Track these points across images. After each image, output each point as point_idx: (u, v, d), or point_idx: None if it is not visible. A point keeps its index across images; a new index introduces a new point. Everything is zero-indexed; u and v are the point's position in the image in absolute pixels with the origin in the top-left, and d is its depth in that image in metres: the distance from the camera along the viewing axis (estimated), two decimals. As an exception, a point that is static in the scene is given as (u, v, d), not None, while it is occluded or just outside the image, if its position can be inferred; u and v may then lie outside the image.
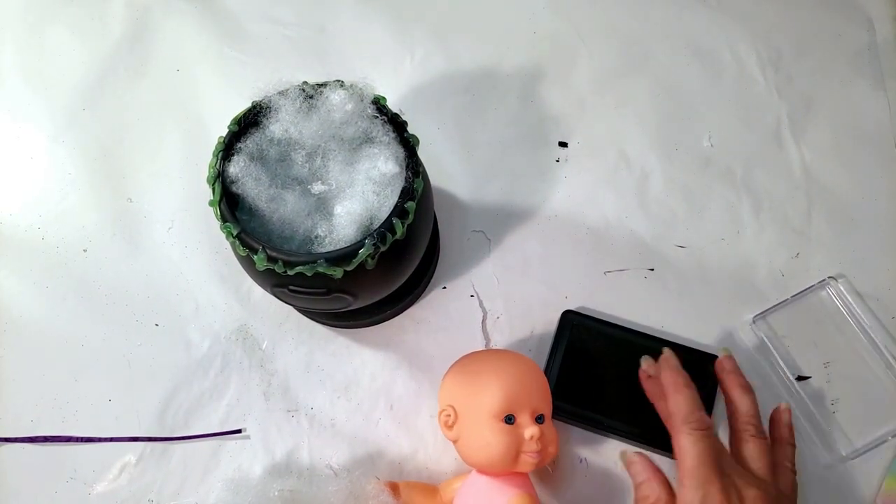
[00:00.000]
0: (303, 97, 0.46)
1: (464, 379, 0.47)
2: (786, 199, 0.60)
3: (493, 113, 0.63)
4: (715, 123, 0.63)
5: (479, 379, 0.46)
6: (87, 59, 0.66)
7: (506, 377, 0.46)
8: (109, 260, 0.58)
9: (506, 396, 0.45)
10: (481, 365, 0.48)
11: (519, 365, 0.47)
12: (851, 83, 0.64)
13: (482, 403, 0.45)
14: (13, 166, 0.62)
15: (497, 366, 0.47)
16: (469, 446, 0.46)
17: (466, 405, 0.46)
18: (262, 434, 0.53)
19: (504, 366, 0.47)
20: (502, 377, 0.46)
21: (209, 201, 0.44)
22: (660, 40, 0.66)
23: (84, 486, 0.52)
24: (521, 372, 0.47)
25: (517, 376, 0.46)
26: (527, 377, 0.47)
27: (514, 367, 0.47)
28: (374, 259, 0.43)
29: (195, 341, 0.55)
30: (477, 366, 0.48)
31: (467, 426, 0.46)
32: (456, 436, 0.46)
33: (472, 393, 0.46)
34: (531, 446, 0.44)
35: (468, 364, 0.49)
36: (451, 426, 0.46)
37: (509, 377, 0.46)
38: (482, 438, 0.45)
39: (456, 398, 0.47)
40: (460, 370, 0.48)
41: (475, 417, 0.45)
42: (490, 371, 0.47)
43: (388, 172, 0.45)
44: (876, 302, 0.56)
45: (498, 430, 0.45)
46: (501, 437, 0.44)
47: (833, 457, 0.51)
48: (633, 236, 0.58)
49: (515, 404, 0.45)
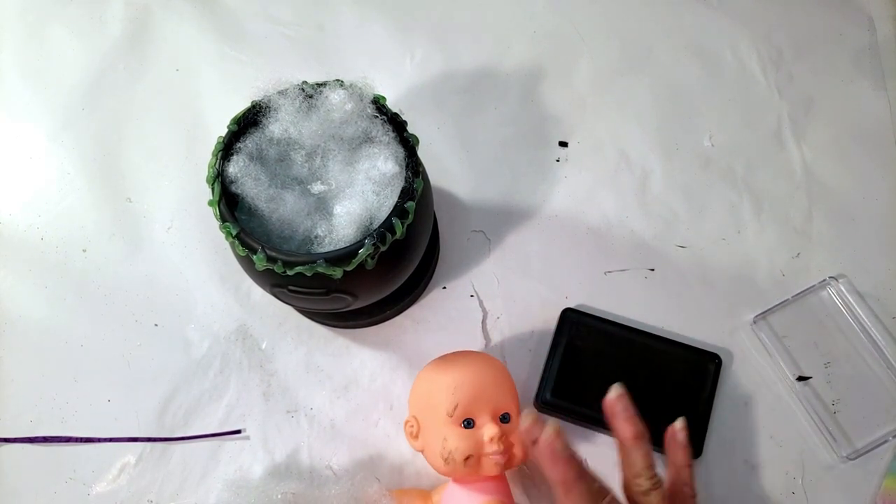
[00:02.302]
0: (302, 97, 0.46)
1: (423, 387, 0.47)
2: (786, 199, 0.60)
3: (493, 113, 0.63)
4: (715, 123, 0.62)
5: (435, 385, 0.45)
6: (86, 58, 0.66)
7: (460, 380, 0.45)
8: (109, 260, 0.58)
9: (460, 399, 0.44)
10: (438, 371, 0.47)
11: (476, 365, 0.46)
12: (852, 83, 0.64)
13: (438, 409, 0.44)
14: (12, 166, 0.62)
15: (453, 369, 0.46)
16: (432, 454, 0.45)
17: (426, 413, 0.45)
18: (262, 434, 0.53)
19: (459, 368, 0.46)
20: (457, 380, 0.45)
21: (208, 201, 0.44)
22: (660, 40, 0.66)
23: (83, 487, 0.51)
24: (478, 372, 0.45)
25: (473, 378, 0.45)
26: (485, 377, 0.45)
27: (470, 368, 0.46)
28: (374, 259, 0.43)
29: (195, 341, 0.55)
30: (434, 372, 0.47)
31: (429, 434, 0.45)
32: (421, 446, 0.46)
33: (429, 400, 0.45)
34: (491, 447, 0.43)
35: (428, 371, 0.48)
36: (416, 436, 0.46)
37: (464, 380, 0.45)
38: (442, 445, 0.44)
39: (417, 407, 0.46)
40: (421, 378, 0.47)
41: (434, 425, 0.44)
42: (445, 376, 0.45)
43: (387, 172, 0.45)
44: (877, 302, 0.55)
45: (456, 436, 0.43)
46: (459, 442, 0.43)
47: (834, 457, 0.51)
48: (633, 236, 0.58)
49: (472, 406, 0.44)
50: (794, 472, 0.51)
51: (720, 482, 0.51)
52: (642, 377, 0.52)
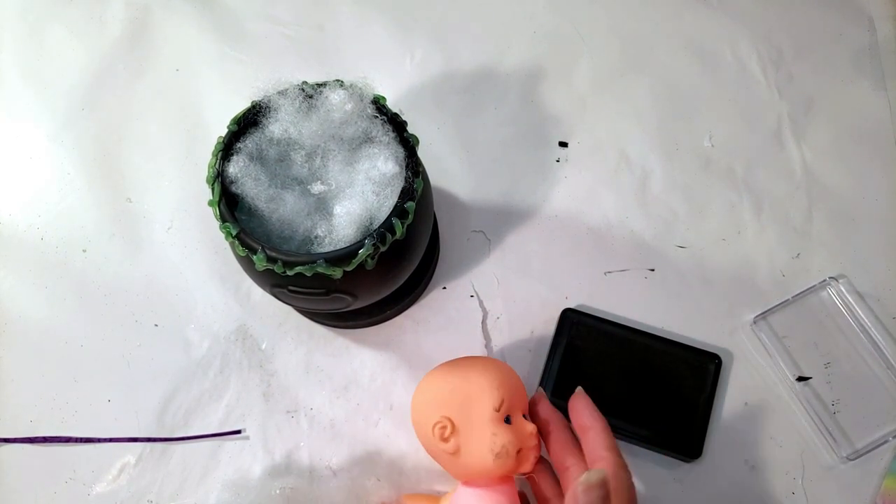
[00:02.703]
0: (302, 97, 0.46)
1: (452, 387, 0.46)
2: (786, 199, 0.60)
3: (493, 113, 0.63)
4: (715, 123, 0.62)
5: (471, 385, 0.45)
6: (86, 58, 0.66)
7: (501, 378, 0.46)
8: (109, 260, 0.58)
9: (504, 396, 0.45)
10: (465, 372, 0.46)
11: (500, 367, 0.47)
12: (852, 83, 0.64)
13: (484, 407, 0.44)
14: (12, 166, 0.62)
15: (482, 370, 0.46)
16: (473, 453, 0.44)
17: (465, 413, 0.45)
18: (262, 434, 0.53)
19: (489, 369, 0.46)
20: (498, 378, 0.45)
21: (208, 201, 0.44)
22: (660, 40, 0.66)
23: (83, 487, 0.51)
24: (505, 373, 0.46)
25: (503, 378, 0.46)
26: (510, 378, 0.46)
27: (497, 369, 0.47)
28: (374, 259, 0.43)
29: (195, 341, 0.55)
30: (460, 373, 0.46)
31: (469, 433, 0.44)
32: (455, 447, 0.45)
33: (469, 399, 0.45)
34: (532, 441, 0.44)
35: (447, 374, 0.47)
36: (448, 438, 0.44)
37: (499, 378, 0.46)
38: (492, 440, 0.43)
39: (449, 408, 0.45)
40: (443, 382, 0.47)
41: (478, 422, 0.44)
42: (479, 376, 0.46)
43: (387, 172, 0.45)
44: (877, 302, 0.55)
45: (505, 430, 0.44)
46: (510, 436, 0.44)
47: (833, 457, 0.51)
48: (633, 236, 0.58)
49: (511, 403, 0.45)
50: (794, 473, 0.51)
51: (720, 482, 0.51)
52: (642, 377, 0.52)
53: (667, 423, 0.51)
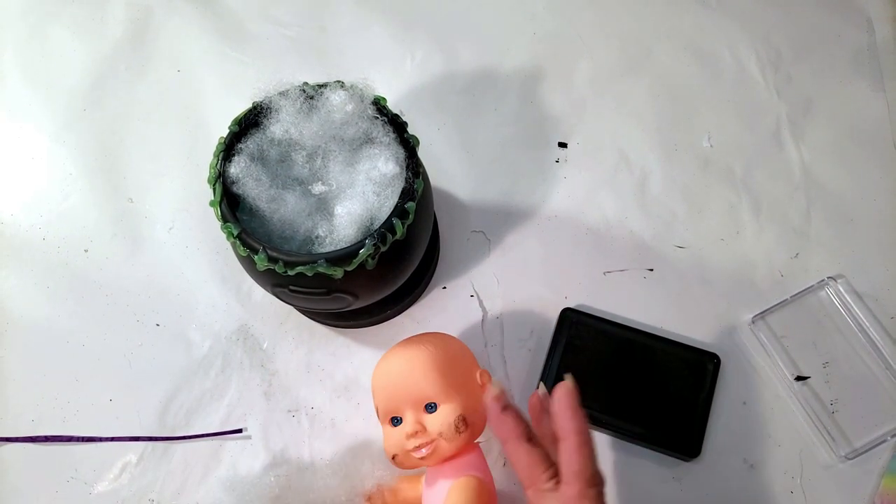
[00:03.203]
0: (303, 98, 0.46)
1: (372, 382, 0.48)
2: (785, 200, 0.60)
3: (493, 113, 0.63)
4: (715, 124, 0.63)
5: (372, 379, 0.47)
6: (87, 59, 0.66)
7: (378, 382, 0.46)
8: (110, 260, 0.58)
9: (379, 403, 0.45)
10: (377, 365, 0.47)
11: (395, 361, 0.45)
12: (851, 83, 0.64)
13: (376, 408, 0.46)
14: (14, 166, 0.62)
15: (377, 370, 0.46)
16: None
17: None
18: (263, 434, 0.53)
19: (380, 369, 0.46)
20: (375, 383, 0.46)
21: (210, 202, 0.44)
22: (660, 41, 0.66)
23: (85, 486, 0.52)
24: (396, 370, 0.45)
25: (388, 378, 0.45)
26: (402, 372, 0.44)
27: (388, 366, 0.46)
28: (375, 259, 0.43)
29: (196, 341, 0.56)
30: (375, 367, 0.47)
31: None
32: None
33: (373, 396, 0.47)
34: (410, 443, 0.43)
35: (376, 365, 0.48)
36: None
37: (380, 382, 0.45)
38: (384, 442, 0.45)
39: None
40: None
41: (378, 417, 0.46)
42: (377, 367, 0.47)
43: (388, 173, 0.45)
44: (875, 302, 0.56)
45: (387, 434, 0.45)
46: (386, 441, 0.45)
47: (832, 457, 0.51)
48: (632, 236, 0.58)
49: (393, 405, 0.44)
50: (793, 472, 0.51)
51: (719, 482, 0.51)
52: (641, 377, 0.52)
53: (666, 422, 0.51)
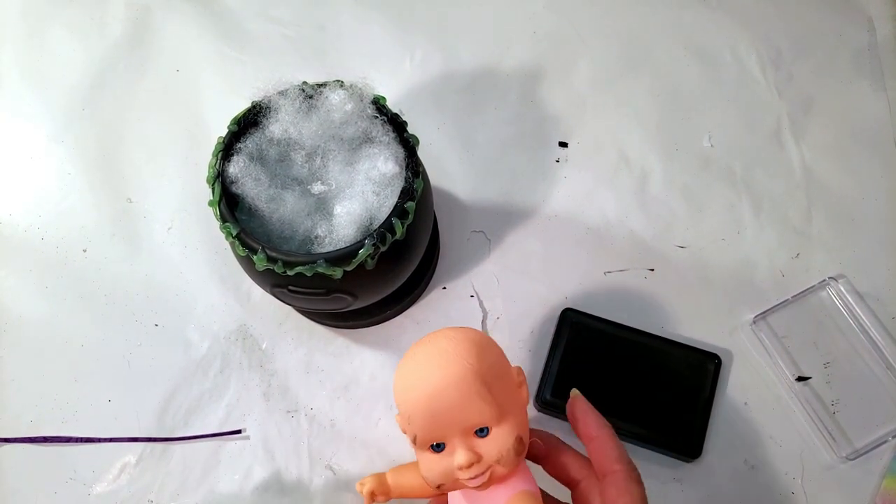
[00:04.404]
0: (302, 97, 0.46)
1: (394, 393, 0.39)
2: (786, 199, 0.60)
3: (493, 113, 0.63)
4: (715, 123, 0.63)
5: (397, 399, 0.38)
6: (86, 58, 0.66)
7: (413, 406, 0.36)
8: (109, 260, 0.58)
9: (417, 431, 0.36)
10: (398, 387, 0.38)
11: (434, 379, 0.36)
12: (852, 83, 0.64)
13: (407, 431, 0.37)
14: (13, 166, 0.62)
15: (408, 389, 0.37)
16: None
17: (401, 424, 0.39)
18: (262, 434, 0.53)
19: (413, 388, 0.37)
20: (410, 408, 0.37)
21: (209, 201, 0.44)
22: (660, 40, 0.66)
23: (84, 487, 0.51)
24: (437, 391, 0.36)
25: (429, 401, 0.36)
26: (444, 393, 0.36)
27: (426, 386, 0.36)
28: (374, 259, 0.43)
29: (195, 341, 0.55)
30: (397, 388, 0.38)
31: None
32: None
33: (400, 416, 0.38)
34: (464, 475, 0.36)
35: (397, 375, 0.39)
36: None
37: (418, 406, 0.36)
38: (421, 468, 0.38)
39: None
40: (394, 380, 0.39)
41: (412, 442, 0.38)
42: (401, 397, 0.37)
43: (387, 172, 0.45)
44: (876, 302, 0.55)
45: (427, 461, 0.37)
46: (429, 470, 0.37)
47: (833, 457, 0.51)
48: (633, 236, 0.58)
49: (435, 432, 0.36)
50: (794, 472, 0.51)
51: (720, 482, 0.51)
52: (642, 377, 0.52)
53: (667, 422, 0.51)
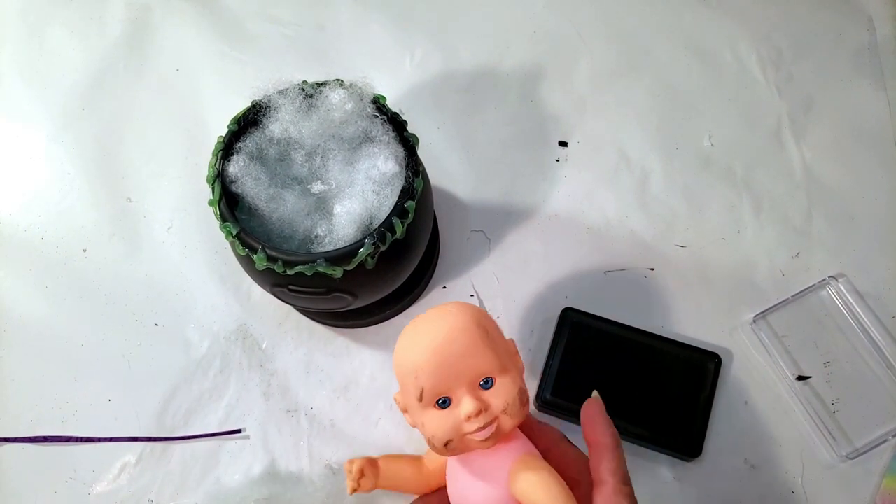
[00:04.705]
0: (302, 96, 0.46)
1: (395, 363, 0.40)
2: (786, 199, 0.60)
3: (492, 112, 0.63)
4: (715, 123, 0.62)
5: (401, 369, 0.39)
6: (86, 58, 0.66)
7: (421, 361, 0.37)
8: (109, 260, 0.58)
9: (424, 384, 0.37)
10: (402, 349, 0.39)
11: (440, 334, 0.37)
12: (852, 82, 0.64)
13: (408, 393, 0.38)
14: (12, 166, 0.62)
15: (414, 347, 0.38)
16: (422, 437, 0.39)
17: (404, 395, 0.39)
18: (262, 434, 0.53)
19: (420, 345, 0.38)
20: (417, 363, 0.37)
21: (209, 201, 0.44)
22: (660, 40, 0.66)
23: (83, 487, 0.51)
24: (443, 345, 0.37)
25: (434, 355, 0.37)
26: (451, 347, 0.37)
27: (432, 342, 0.37)
28: (374, 259, 0.43)
29: (195, 341, 0.55)
30: (400, 351, 0.39)
31: (413, 416, 0.39)
32: (413, 422, 0.40)
33: (402, 383, 0.39)
34: (470, 426, 0.36)
35: (398, 347, 0.40)
36: (405, 412, 0.40)
37: (425, 359, 0.37)
38: (423, 431, 0.38)
39: (398, 386, 0.40)
40: (395, 354, 0.40)
41: (413, 409, 0.38)
42: (407, 357, 0.38)
43: (387, 172, 0.45)
44: (876, 301, 0.55)
45: (432, 420, 0.37)
46: (436, 428, 0.37)
47: (833, 456, 0.51)
48: (633, 236, 0.58)
49: (442, 385, 0.37)
50: (794, 472, 0.51)
51: (720, 482, 0.51)
52: (642, 377, 0.52)
53: (667, 422, 0.51)
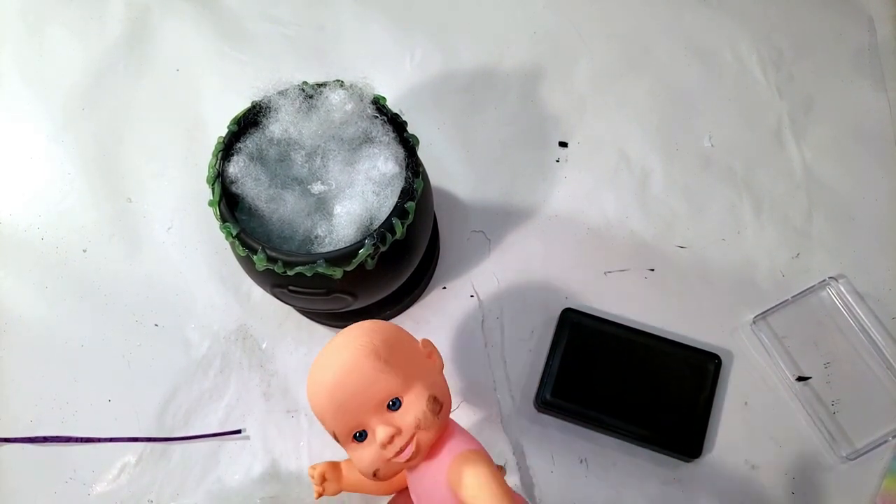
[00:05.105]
0: (302, 97, 0.46)
1: (311, 407, 0.40)
2: (786, 199, 0.60)
3: (492, 113, 0.63)
4: (715, 123, 0.62)
5: (311, 405, 0.39)
6: (86, 58, 0.66)
7: (324, 404, 0.37)
8: (109, 260, 0.58)
9: (335, 427, 0.38)
10: (308, 385, 0.39)
11: (336, 367, 0.37)
12: (852, 83, 0.64)
13: (329, 432, 0.39)
14: (12, 166, 0.62)
15: (314, 391, 0.38)
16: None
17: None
18: (262, 434, 0.53)
19: (321, 382, 0.38)
20: (321, 406, 0.38)
21: (209, 201, 0.44)
22: (660, 40, 0.66)
23: (83, 487, 0.51)
24: (338, 382, 0.37)
25: (332, 394, 0.37)
26: (347, 381, 0.37)
27: (331, 374, 0.37)
28: (374, 259, 0.43)
29: (195, 341, 0.55)
30: (307, 387, 0.39)
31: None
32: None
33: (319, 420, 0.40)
34: (390, 452, 0.37)
35: (307, 384, 0.40)
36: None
37: (326, 402, 0.37)
38: (354, 462, 0.39)
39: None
40: (306, 392, 0.40)
41: (336, 440, 0.39)
42: (310, 394, 0.39)
43: (387, 172, 0.45)
44: (876, 302, 0.55)
45: (357, 454, 0.38)
46: (362, 459, 0.38)
47: (833, 457, 0.51)
48: (633, 236, 0.58)
49: (349, 420, 0.37)
50: (794, 473, 0.51)
51: (720, 483, 0.51)
52: (642, 377, 0.52)
53: (667, 422, 0.51)
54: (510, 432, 0.52)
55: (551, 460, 0.51)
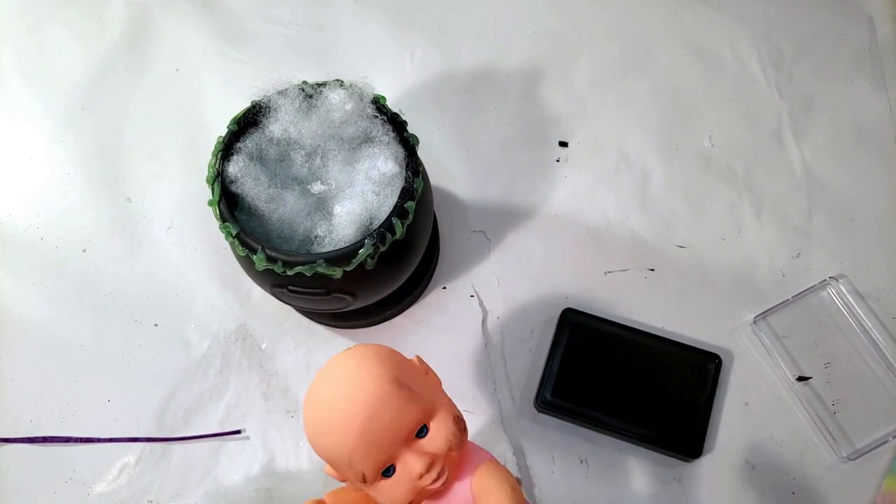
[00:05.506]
0: (302, 97, 0.46)
1: (316, 447, 0.37)
2: (786, 199, 0.60)
3: (492, 112, 0.63)
4: (715, 123, 0.62)
5: (325, 449, 0.36)
6: (86, 58, 0.66)
7: (352, 446, 0.34)
8: (108, 260, 0.58)
9: (365, 468, 0.35)
10: (319, 426, 0.36)
11: (357, 405, 0.34)
12: (852, 83, 0.64)
13: (347, 476, 0.36)
14: (12, 166, 0.62)
15: (331, 425, 0.35)
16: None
17: (340, 475, 0.37)
18: (262, 434, 0.53)
19: (338, 421, 0.35)
20: (344, 444, 0.35)
21: (208, 201, 0.44)
22: (660, 40, 0.66)
23: (83, 487, 0.51)
24: (366, 419, 0.34)
25: (361, 433, 0.34)
26: (374, 416, 0.34)
27: (353, 413, 0.34)
28: (374, 259, 0.43)
29: (194, 341, 0.55)
30: (318, 428, 0.36)
31: (363, 489, 0.37)
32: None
33: (332, 464, 0.37)
34: (426, 481, 0.35)
35: (313, 426, 0.37)
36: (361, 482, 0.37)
37: (357, 431, 0.34)
38: (379, 500, 0.37)
39: (328, 462, 0.37)
40: (311, 434, 0.37)
41: (359, 485, 0.36)
42: (327, 434, 0.35)
43: (387, 172, 0.45)
44: (877, 302, 0.55)
45: (385, 490, 0.36)
46: (395, 495, 0.36)
47: (834, 457, 0.51)
48: (633, 236, 0.58)
49: (380, 457, 0.35)
50: (794, 472, 0.51)
51: (720, 482, 0.51)
52: (642, 377, 0.52)
53: (667, 422, 0.51)
54: (510, 432, 0.52)
55: (551, 460, 0.51)
